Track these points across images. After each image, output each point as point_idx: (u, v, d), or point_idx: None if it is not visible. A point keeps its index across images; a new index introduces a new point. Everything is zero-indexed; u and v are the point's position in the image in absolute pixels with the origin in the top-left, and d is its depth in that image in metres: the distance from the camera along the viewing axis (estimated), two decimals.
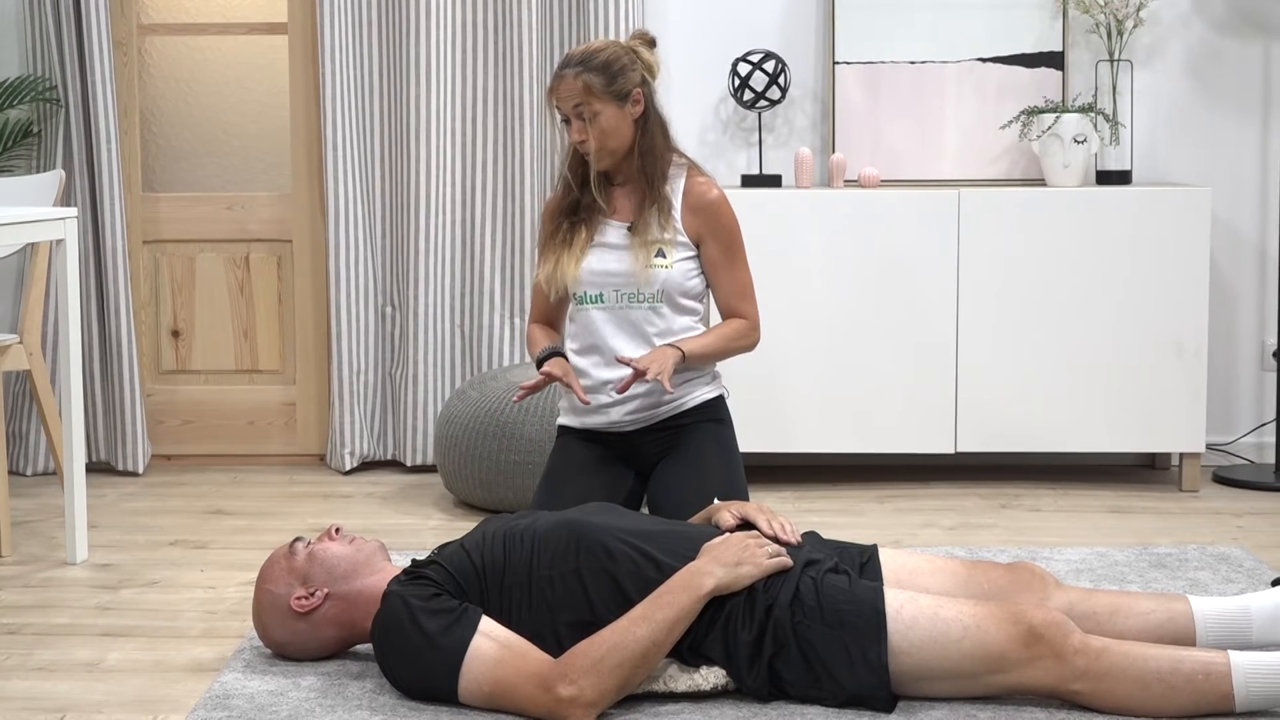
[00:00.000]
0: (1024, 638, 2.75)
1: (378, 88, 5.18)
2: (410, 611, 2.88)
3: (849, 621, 2.81)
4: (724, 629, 2.87)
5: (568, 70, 3.64)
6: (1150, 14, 5.04)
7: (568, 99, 3.63)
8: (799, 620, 2.83)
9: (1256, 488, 4.86)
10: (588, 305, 3.67)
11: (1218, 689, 2.74)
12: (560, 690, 2.77)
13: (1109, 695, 2.76)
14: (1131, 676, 2.75)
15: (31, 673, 3.22)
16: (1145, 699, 2.75)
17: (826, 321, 4.80)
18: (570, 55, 3.67)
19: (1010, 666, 2.77)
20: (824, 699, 2.85)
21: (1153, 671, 2.75)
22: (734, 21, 5.15)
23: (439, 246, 5.14)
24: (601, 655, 2.78)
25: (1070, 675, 2.75)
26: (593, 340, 3.67)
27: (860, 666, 2.80)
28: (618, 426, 3.67)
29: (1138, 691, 2.75)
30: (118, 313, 5.18)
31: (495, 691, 2.83)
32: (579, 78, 3.61)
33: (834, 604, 2.84)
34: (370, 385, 5.26)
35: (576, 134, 3.65)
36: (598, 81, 3.61)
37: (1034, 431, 4.81)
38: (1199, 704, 2.75)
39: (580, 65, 3.63)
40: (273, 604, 3.11)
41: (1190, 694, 2.74)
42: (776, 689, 2.88)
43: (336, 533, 3.14)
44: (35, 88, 5.13)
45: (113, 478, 5.23)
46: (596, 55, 3.64)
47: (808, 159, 4.91)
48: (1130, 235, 4.74)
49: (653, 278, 3.63)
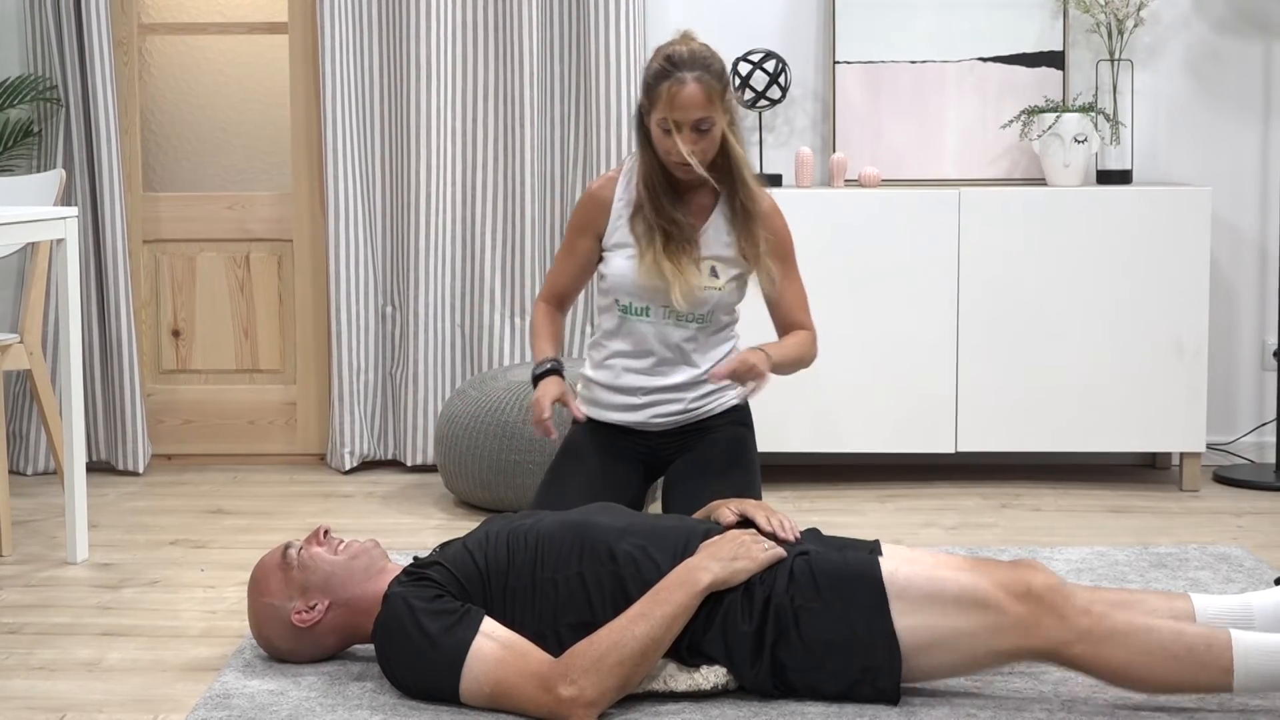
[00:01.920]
0: (1023, 597, 2.75)
1: (378, 87, 5.18)
2: (412, 613, 2.88)
3: (847, 590, 2.82)
4: (723, 624, 2.87)
5: (687, 74, 3.31)
6: (1151, 13, 5.04)
7: (692, 109, 3.30)
8: (798, 601, 2.84)
9: (1257, 487, 4.86)
10: (631, 317, 3.55)
11: (1218, 662, 2.72)
12: (561, 691, 2.77)
13: (1109, 660, 2.74)
14: (1134, 642, 2.74)
15: (32, 672, 3.22)
16: (1146, 666, 2.73)
17: (826, 321, 4.79)
18: (679, 56, 3.33)
19: (1010, 626, 2.75)
20: (829, 683, 2.85)
21: (1155, 640, 2.73)
22: (735, 21, 5.15)
23: (439, 246, 5.14)
24: (601, 654, 2.78)
25: (1073, 636, 2.73)
26: (629, 346, 3.57)
27: (864, 634, 2.80)
28: (646, 426, 3.61)
29: (1139, 658, 2.73)
30: (118, 312, 5.18)
31: (496, 692, 2.83)
32: (702, 83, 3.31)
33: (829, 577, 2.85)
34: (371, 385, 5.26)
35: (688, 144, 3.33)
36: (718, 88, 3.32)
37: (1034, 431, 4.81)
38: (1199, 676, 2.74)
39: (703, 69, 3.31)
40: (273, 617, 3.10)
41: (1191, 665, 2.72)
42: (780, 682, 2.87)
43: (325, 535, 3.11)
44: (35, 87, 5.13)
45: (113, 477, 5.23)
46: (712, 60, 3.35)
47: (808, 158, 4.91)
48: (1131, 235, 4.74)
49: (704, 299, 3.48)
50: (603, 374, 3.63)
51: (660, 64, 3.38)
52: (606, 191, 3.58)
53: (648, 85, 3.40)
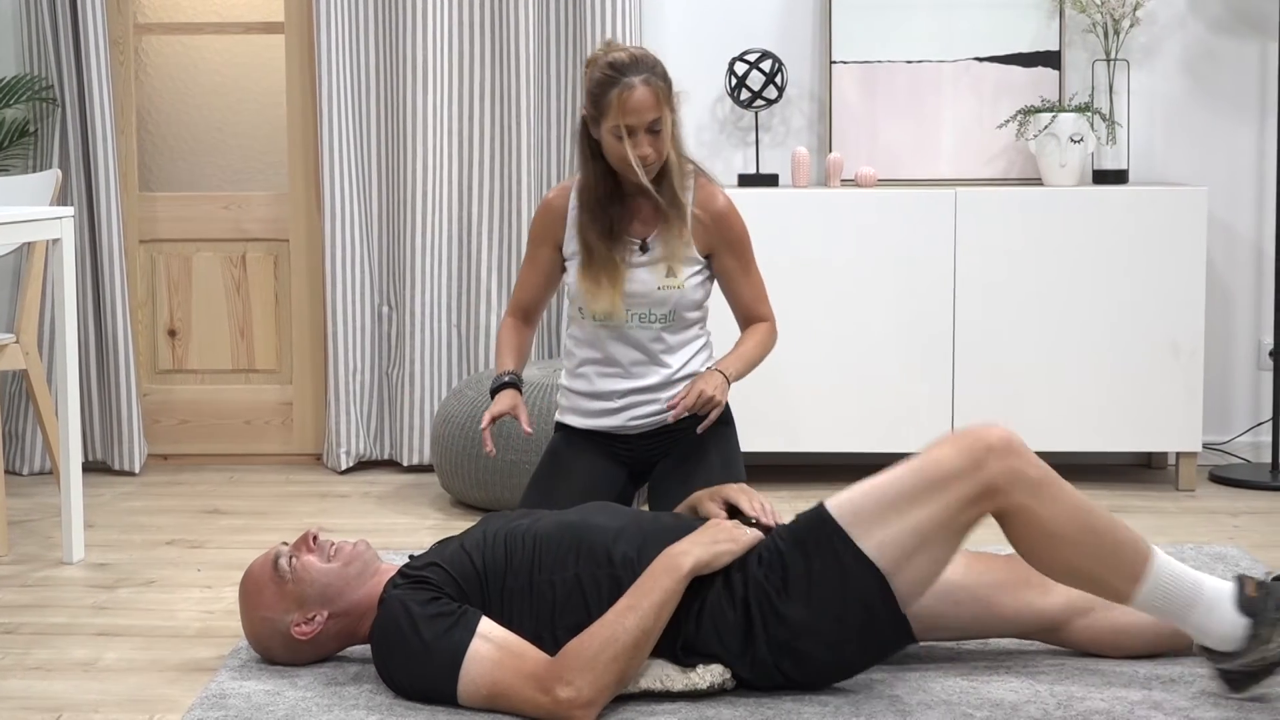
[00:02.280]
0: (973, 446, 2.78)
1: (374, 87, 5.18)
2: (410, 616, 2.88)
3: (807, 541, 2.86)
4: (711, 619, 2.88)
5: (634, 78, 3.35)
6: (1147, 13, 5.04)
7: (645, 111, 3.35)
8: (771, 576, 2.86)
9: (1253, 487, 4.86)
10: (595, 323, 3.57)
11: (1131, 569, 2.77)
12: (559, 692, 2.77)
13: (1041, 519, 2.76)
14: (1070, 512, 2.77)
15: (28, 672, 3.22)
16: (1070, 541, 2.76)
17: (823, 321, 4.80)
18: (620, 62, 3.36)
19: (963, 473, 2.77)
20: (836, 633, 2.84)
21: (1091, 520, 2.78)
22: (731, 21, 5.15)
23: (436, 246, 5.14)
24: (595, 652, 2.78)
25: (1025, 481, 2.76)
26: (598, 353, 3.60)
27: (840, 571, 2.82)
28: (625, 429, 3.63)
29: (1068, 529, 2.76)
30: (114, 312, 5.18)
31: (493, 694, 2.83)
32: (650, 85, 3.36)
33: (789, 541, 2.89)
34: (367, 384, 5.26)
35: (645, 147, 3.38)
36: (664, 88, 3.37)
37: (1030, 431, 4.78)
38: (1109, 575, 2.77)
39: (649, 71, 3.36)
40: (272, 631, 3.08)
41: (1109, 560, 2.77)
42: (785, 659, 2.87)
43: (315, 541, 3.08)
44: (31, 87, 5.13)
45: (109, 477, 5.23)
46: (654, 62, 3.39)
47: (804, 158, 4.91)
48: (1127, 235, 4.75)
49: (664, 299, 3.52)
50: (578, 382, 3.65)
51: (604, 73, 3.38)
52: (560, 200, 3.60)
53: (594, 96, 3.40)
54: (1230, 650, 2.81)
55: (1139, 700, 2.89)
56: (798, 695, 2.92)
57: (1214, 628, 2.81)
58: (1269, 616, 2.79)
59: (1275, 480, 4.86)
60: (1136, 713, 2.83)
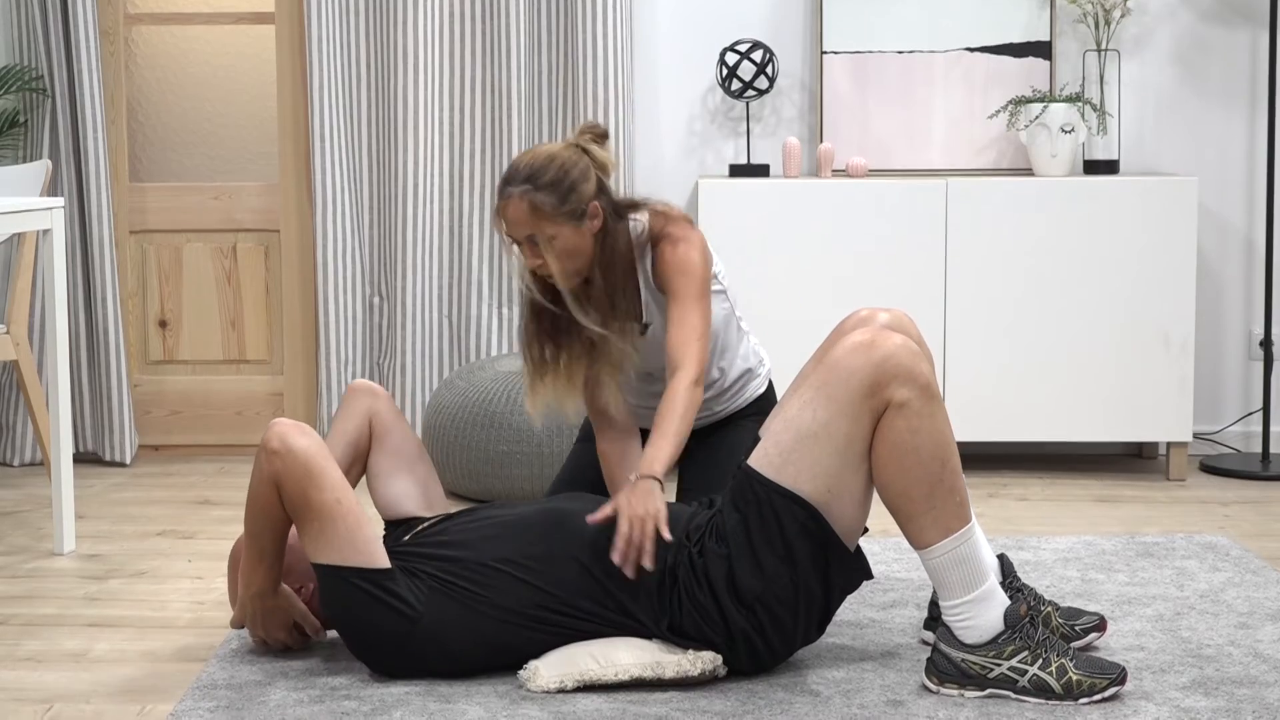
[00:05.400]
0: (880, 364, 2.81)
1: (365, 77, 5.18)
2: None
3: (738, 501, 2.91)
4: (692, 604, 2.92)
5: (513, 190, 3.12)
6: (1137, 4, 5.04)
7: (517, 225, 3.13)
8: (720, 545, 2.91)
9: (1243, 477, 4.87)
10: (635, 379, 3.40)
11: (946, 520, 2.82)
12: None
13: (920, 435, 2.80)
14: (939, 436, 2.82)
15: (19, 663, 3.21)
16: (924, 456, 2.81)
17: (814, 311, 4.80)
18: (514, 170, 3.15)
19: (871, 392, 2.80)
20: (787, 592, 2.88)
21: (948, 456, 2.83)
22: (721, 11, 5.15)
23: (427, 236, 5.14)
24: None
25: (915, 385, 2.80)
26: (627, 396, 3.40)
27: (772, 508, 2.86)
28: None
29: (927, 449, 2.80)
30: (104, 303, 5.17)
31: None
32: (525, 199, 3.11)
33: (729, 507, 2.93)
34: (358, 375, 5.25)
35: (531, 259, 3.16)
36: (549, 201, 3.11)
37: (1021, 421, 4.82)
38: (926, 508, 2.82)
39: (527, 183, 3.11)
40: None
41: (938, 497, 2.82)
42: (761, 637, 2.90)
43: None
44: (21, 77, 5.12)
45: (100, 468, 5.22)
46: (544, 171, 3.12)
47: (795, 149, 4.91)
48: (1118, 225, 4.75)
49: (652, 353, 3.31)
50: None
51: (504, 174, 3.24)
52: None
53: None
54: (968, 642, 2.85)
55: (1132, 692, 2.89)
56: (789, 685, 2.93)
57: (973, 615, 2.84)
58: (1021, 638, 2.83)
59: (1266, 470, 4.87)
60: (1132, 706, 2.84)
